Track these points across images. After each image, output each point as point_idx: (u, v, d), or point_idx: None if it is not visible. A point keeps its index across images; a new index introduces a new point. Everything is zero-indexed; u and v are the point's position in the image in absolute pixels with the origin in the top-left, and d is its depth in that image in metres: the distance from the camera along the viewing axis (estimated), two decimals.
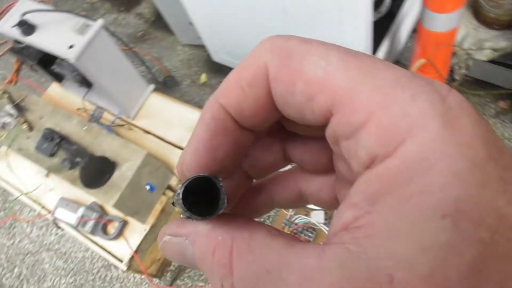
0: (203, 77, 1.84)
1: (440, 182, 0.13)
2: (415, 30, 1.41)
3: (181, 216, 0.19)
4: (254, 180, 0.24)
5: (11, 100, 1.35)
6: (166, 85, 1.83)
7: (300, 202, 0.24)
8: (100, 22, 1.19)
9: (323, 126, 0.17)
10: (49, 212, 1.32)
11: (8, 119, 1.31)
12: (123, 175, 1.10)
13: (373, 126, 0.14)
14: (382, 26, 1.33)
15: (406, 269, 0.12)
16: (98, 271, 1.56)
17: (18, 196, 1.42)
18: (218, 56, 1.74)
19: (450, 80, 1.51)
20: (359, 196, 0.14)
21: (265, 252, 0.16)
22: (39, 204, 1.38)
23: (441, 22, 1.08)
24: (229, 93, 0.18)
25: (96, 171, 1.10)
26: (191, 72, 1.89)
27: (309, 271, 0.14)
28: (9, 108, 1.34)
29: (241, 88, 0.17)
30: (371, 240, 0.13)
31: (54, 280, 1.59)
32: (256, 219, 0.21)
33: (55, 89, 1.60)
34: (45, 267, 1.62)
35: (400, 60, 1.57)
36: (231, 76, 0.18)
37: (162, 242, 0.19)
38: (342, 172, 0.20)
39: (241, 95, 0.17)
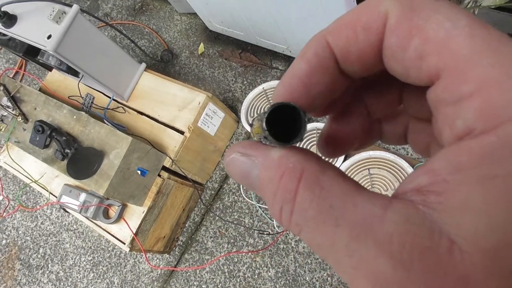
0: (201, 48, 1.80)
1: None
2: None
3: (255, 139, 0.19)
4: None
5: (7, 92, 1.37)
6: (163, 60, 1.80)
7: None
8: (75, 7, 1.16)
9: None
10: (57, 198, 1.37)
11: (5, 112, 1.34)
12: (111, 163, 1.11)
13: (479, 100, 0.14)
14: None
15: (470, 241, 0.13)
16: (114, 248, 1.62)
17: (27, 184, 1.47)
18: (213, 25, 1.68)
19: None
20: (441, 164, 0.14)
21: (333, 188, 0.16)
22: (47, 190, 1.43)
23: None
24: (340, 32, 0.17)
25: (84, 161, 1.11)
26: (189, 42, 1.85)
27: (371, 217, 0.14)
28: (5, 100, 1.36)
29: (354, 29, 0.17)
30: (442, 206, 0.14)
31: (75, 258, 1.67)
32: None
33: (54, 75, 1.61)
34: (66, 247, 1.71)
35: None
36: (345, 15, 0.17)
37: (229, 158, 0.19)
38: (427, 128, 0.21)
39: (352, 37, 0.17)
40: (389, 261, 0.14)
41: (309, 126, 1.36)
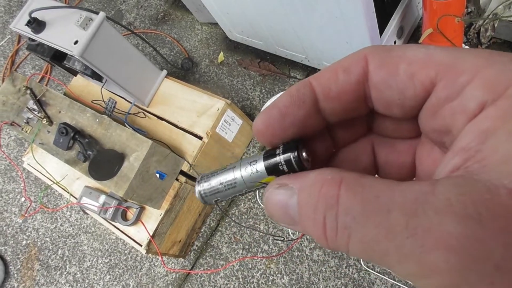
0: (221, 56, 1.83)
1: None
2: None
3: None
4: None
5: (33, 95, 1.42)
6: (184, 67, 1.84)
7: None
8: (101, 15, 1.21)
9: (408, 126, 0.21)
10: (77, 199, 1.41)
11: (31, 115, 1.39)
12: (131, 165, 1.14)
13: (480, 80, 0.16)
14: None
15: None
16: (130, 251, 1.65)
17: (49, 186, 1.51)
18: (233, 35, 1.71)
19: (476, 43, 1.39)
20: (468, 139, 0.16)
21: (375, 184, 0.16)
22: (68, 192, 1.47)
23: None
24: (322, 75, 0.20)
25: (105, 163, 1.14)
26: (210, 51, 1.88)
27: (422, 194, 0.15)
28: (31, 103, 1.41)
29: (335, 72, 0.19)
30: (486, 168, 0.14)
31: (92, 260, 1.70)
32: None
33: (78, 80, 1.66)
34: (84, 249, 1.74)
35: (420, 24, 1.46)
36: (329, 65, 0.20)
37: (268, 193, 0.19)
38: (427, 164, 0.22)
39: (333, 77, 0.19)
40: (457, 220, 0.13)
41: None
